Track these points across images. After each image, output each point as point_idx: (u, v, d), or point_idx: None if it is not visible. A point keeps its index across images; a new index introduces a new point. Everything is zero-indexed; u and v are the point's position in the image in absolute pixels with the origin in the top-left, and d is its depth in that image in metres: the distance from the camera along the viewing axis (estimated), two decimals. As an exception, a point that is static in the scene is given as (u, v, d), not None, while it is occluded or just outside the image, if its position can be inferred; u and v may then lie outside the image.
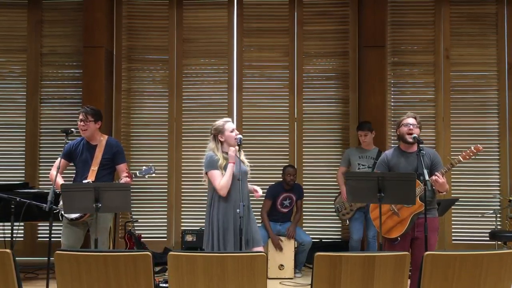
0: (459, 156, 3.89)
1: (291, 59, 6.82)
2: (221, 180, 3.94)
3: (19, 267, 2.79)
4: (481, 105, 6.69)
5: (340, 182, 5.79)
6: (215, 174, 3.98)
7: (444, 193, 3.99)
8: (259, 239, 4.11)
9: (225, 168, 3.98)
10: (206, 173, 4.05)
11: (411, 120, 4.03)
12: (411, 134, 3.96)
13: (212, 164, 4.00)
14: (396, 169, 4.03)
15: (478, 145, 3.90)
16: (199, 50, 6.89)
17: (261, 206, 5.92)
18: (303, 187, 6.57)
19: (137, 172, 4.52)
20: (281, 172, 5.97)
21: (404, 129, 4.02)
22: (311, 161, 6.72)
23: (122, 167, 4.55)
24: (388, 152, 4.20)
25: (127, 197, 3.77)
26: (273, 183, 6.03)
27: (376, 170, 4.19)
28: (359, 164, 5.68)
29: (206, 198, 4.15)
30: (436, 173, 3.86)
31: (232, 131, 4.06)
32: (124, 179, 4.36)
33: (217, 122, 4.14)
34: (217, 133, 4.08)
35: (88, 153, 4.49)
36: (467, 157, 3.89)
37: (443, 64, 6.69)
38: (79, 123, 4.51)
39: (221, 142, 4.07)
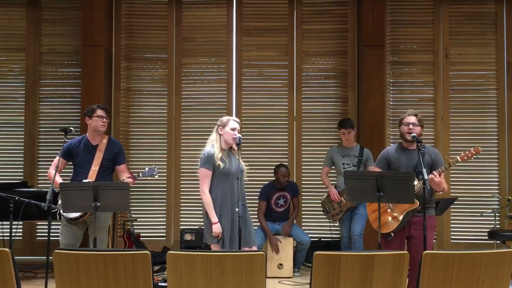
0: (457, 157, 3.88)
1: (290, 58, 6.82)
2: (208, 194, 4.00)
3: (17, 266, 2.78)
4: (480, 104, 6.70)
5: (327, 183, 5.71)
6: (205, 174, 4.03)
7: (441, 192, 3.98)
8: (254, 239, 4.16)
9: (221, 159, 4.01)
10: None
11: (411, 119, 4.03)
12: (410, 133, 3.97)
13: (206, 161, 4.04)
14: (396, 164, 4.05)
15: (478, 147, 3.89)
16: (198, 49, 6.89)
17: (256, 208, 5.89)
18: (302, 186, 6.57)
19: (140, 173, 4.50)
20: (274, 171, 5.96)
21: (404, 128, 4.04)
22: (310, 160, 6.72)
23: (122, 167, 4.54)
24: (390, 148, 4.22)
25: (126, 197, 3.76)
26: (266, 183, 6.02)
27: (376, 165, 4.21)
28: (343, 163, 5.60)
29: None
30: (433, 171, 3.86)
31: (233, 129, 4.10)
32: (127, 180, 4.31)
33: (225, 116, 4.25)
34: (219, 125, 4.15)
35: (89, 153, 4.46)
36: (466, 158, 3.87)
37: (442, 63, 6.69)
38: (98, 120, 4.43)
39: (220, 136, 4.13)
